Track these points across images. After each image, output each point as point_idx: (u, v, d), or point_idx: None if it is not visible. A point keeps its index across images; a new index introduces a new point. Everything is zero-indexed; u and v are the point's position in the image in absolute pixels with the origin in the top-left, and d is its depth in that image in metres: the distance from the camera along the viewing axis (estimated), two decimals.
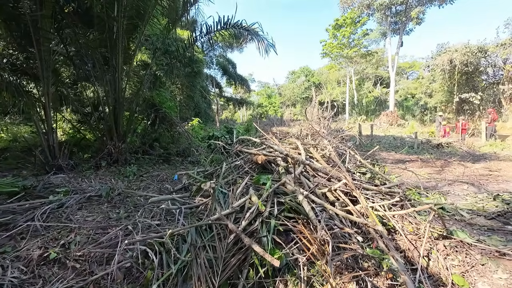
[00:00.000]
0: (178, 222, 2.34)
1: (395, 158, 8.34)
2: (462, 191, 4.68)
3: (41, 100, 6.97)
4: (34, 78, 7.02)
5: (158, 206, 2.76)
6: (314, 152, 3.23)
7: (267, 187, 2.44)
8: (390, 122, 23.62)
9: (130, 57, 7.73)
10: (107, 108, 7.65)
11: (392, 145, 11.55)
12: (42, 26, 6.35)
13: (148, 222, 2.39)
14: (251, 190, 2.48)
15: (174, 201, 2.81)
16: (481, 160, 7.78)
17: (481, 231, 2.86)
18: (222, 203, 2.51)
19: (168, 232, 1.82)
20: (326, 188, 2.50)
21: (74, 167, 6.78)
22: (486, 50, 19.42)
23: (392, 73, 28.37)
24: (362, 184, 2.90)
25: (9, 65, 7.02)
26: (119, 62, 7.36)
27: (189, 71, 16.37)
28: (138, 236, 2.04)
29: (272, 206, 2.29)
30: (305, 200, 2.22)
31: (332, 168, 3.00)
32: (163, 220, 2.49)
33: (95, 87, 7.87)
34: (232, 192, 2.54)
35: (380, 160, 6.89)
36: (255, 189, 2.57)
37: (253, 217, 2.19)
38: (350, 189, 2.56)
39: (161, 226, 2.36)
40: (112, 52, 7.35)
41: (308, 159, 3.09)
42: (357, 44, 32.48)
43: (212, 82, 30.73)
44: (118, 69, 7.43)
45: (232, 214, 2.26)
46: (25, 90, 7.20)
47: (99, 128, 7.93)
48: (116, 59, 7.29)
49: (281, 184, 2.45)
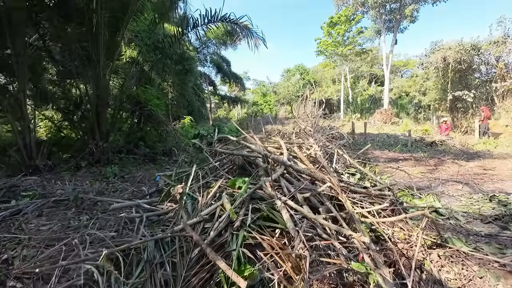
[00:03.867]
0: (138, 233, 2.07)
1: (388, 157, 8.15)
2: (457, 191, 4.48)
3: (17, 97, 6.59)
4: (10, 73, 6.64)
5: (120, 213, 2.48)
6: (298, 152, 2.97)
7: (241, 192, 2.18)
8: (384, 120, 23.56)
9: (113, 53, 7.37)
10: (90, 106, 7.30)
11: (386, 143, 11.38)
12: (15, 19, 5.98)
13: (105, 233, 2.11)
14: (224, 195, 2.21)
15: (139, 208, 2.53)
16: (475, 158, 7.63)
17: (477, 237, 2.64)
18: (190, 211, 2.24)
19: (104, 253, 1.54)
20: (309, 193, 2.24)
21: (53, 167, 6.42)
22: (479, 47, 19.39)
23: (386, 71, 28.33)
24: (349, 186, 2.65)
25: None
26: (100, 57, 7.01)
27: (180, 68, 15.98)
28: (85, 252, 1.76)
29: (246, 213, 2.03)
30: (283, 206, 1.97)
31: (317, 169, 2.75)
32: (122, 231, 2.21)
33: (76, 83, 7.51)
34: (203, 198, 2.27)
35: (372, 159, 6.68)
36: (230, 194, 2.31)
37: (224, 226, 1.93)
38: (335, 193, 2.31)
39: (117, 238, 2.08)
40: (93, 46, 6.99)
41: (291, 160, 2.84)
42: (351, 42, 32.37)
43: (206, 80, 30.33)
44: (100, 64, 7.08)
45: (199, 224, 1.99)
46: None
47: (81, 126, 7.58)
48: (97, 54, 6.93)
49: (258, 189, 2.19)
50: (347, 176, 3.16)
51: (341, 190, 2.37)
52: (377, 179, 3.14)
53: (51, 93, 7.69)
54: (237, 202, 2.07)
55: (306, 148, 3.21)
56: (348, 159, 3.29)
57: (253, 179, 2.49)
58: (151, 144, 8.20)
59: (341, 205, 2.47)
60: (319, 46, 34.52)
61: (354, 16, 30.42)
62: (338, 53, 33.51)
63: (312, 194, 2.23)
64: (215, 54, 30.77)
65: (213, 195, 2.30)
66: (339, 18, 30.79)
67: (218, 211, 2.06)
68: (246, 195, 2.12)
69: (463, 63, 19.78)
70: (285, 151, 2.85)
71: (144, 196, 3.32)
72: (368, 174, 3.17)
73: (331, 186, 2.31)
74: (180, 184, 2.51)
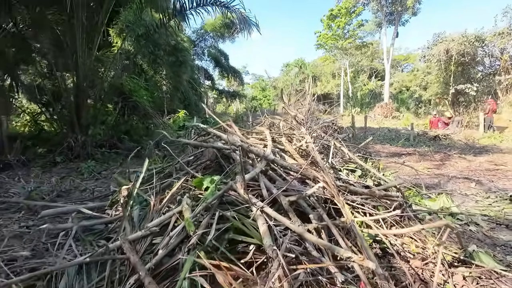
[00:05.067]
0: (62, 251, 1.56)
1: (390, 151, 7.65)
2: (469, 189, 3.98)
3: None
4: None
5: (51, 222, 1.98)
6: (287, 144, 2.46)
7: (207, 195, 1.67)
8: (385, 114, 22.98)
9: (93, 39, 6.77)
10: (68, 96, 6.75)
11: (387, 137, 10.87)
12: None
13: (19, 251, 1.60)
14: (185, 198, 1.71)
15: (80, 215, 2.03)
16: (483, 153, 7.13)
17: (506, 248, 2.14)
18: (136, 220, 1.74)
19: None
20: (296, 195, 1.73)
21: (26, 163, 5.92)
22: (483, 39, 18.76)
23: (387, 65, 27.66)
24: (348, 186, 2.15)
25: None
26: (78, 44, 6.44)
27: (173, 60, 15.36)
28: None
29: (211, 224, 1.52)
30: (260, 215, 1.47)
31: (310, 165, 2.24)
32: (42, 249, 1.70)
33: (54, 73, 6.94)
34: (157, 202, 1.76)
35: (374, 153, 6.18)
36: (195, 197, 1.80)
37: (178, 243, 1.44)
38: (330, 195, 1.81)
39: (34, 259, 1.57)
40: (69, 31, 6.42)
41: (277, 154, 2.34)
42: (352, 35, 31.66)
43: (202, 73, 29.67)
44: (78, 53, 6.52)
45: (146, 239, 1.50)
46: None
47: (62, 119, 7.04)
48: (73, 40, 6.36)
49: (228, 190, 1.68)
50: (345, 173, 2.66)
51: (337, 191, 1.86)
52: (381, 176, 2.64)
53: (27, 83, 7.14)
54: (199, 208, 1.57)
55: (297, 139, 2.70)
56: (347, 152, 2.78)
57: (227, 177, 1.98)
58: (137, 138, 7.67)
59: (339, 209, 1.96)
60: (318, 40, 33.83)
61: (355, 9, 29.68)
62: (338, 46, 32.81)
63: (300, 197, 1.73)
64: (212, 48, 30.03)
65: (169, 199, 1.79)
66: (339, 11, 30.05)
67: (174, 220, 1.57)
68: (212, 199, 1.62)
69: (466, 55, 19.17)
70: (269, 142, 2.33)
71: (99, 198, 2.81)
72: (371, 170, 2.68)
73: (325, 186, 1.81)
74: (126, 183, 1.99)
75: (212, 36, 28.16)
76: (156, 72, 15.55)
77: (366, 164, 3.40)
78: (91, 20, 6.63)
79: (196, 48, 27.97)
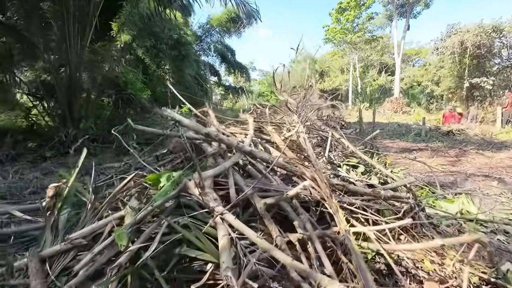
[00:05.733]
0: None
1: (400, 147, 7.13)
2: (490, 188, 3.50)
3: None
4: None
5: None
6: (274, 134, 2.07)
7: (157, 196, 1.30)
8: (394, 109, 22.12)
9: (84, 30, 6.45)
10: (59, 89, 6.49)
11: (397, 132, 10.29)
12: None
13: None
14: (133, 200, 1.35)
15: (9, 217, 1.71)
16: (503, 149, 6.55)
17: None
18: (62, 227, 1.38)
19: None
20: (274, 197, 1.34)
21: (15, 158, 5.72)
22: (501, 29, 17.74)
23: (397, 60, 26.68)
24: (347, 185, 1.74)
25: None
26: (70, 35, 6.16)
27: (175, 54, 15.07)
28: None
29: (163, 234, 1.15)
30: (220, 223, 1.09)
31: (301, 159, 1.84)
32: None
33: (46, 64, 6.69)
34: (93, 205, 1.40)
35: (382, 148, 5.69)
36: (147, 198, 1.44)
37: (106, 261, 1.08)
38: (320, 196, 1.41)
39: None
40: (61, 22, 6.14)
41: (262, 145, 1.95)
42: (361, 29, 30.72)
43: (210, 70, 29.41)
44: (69, 42, 6.24)
45: (68, 254, 1.14)
46: None
47: (53, 113, 6.81)
48: (64, 31, 6.08)
49: (182, 191, 1.30)
50: (345, 169, 2.25)
51: (330, 192, 1.46)
52: (388, 173, 2.22)
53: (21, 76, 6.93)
54: (141, 214, 1.19)
55: (287, 129, 2.30)
56: (347, 145, 2.35)
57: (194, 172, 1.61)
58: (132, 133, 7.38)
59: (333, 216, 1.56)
60: (327, 34, 33.05)
61: (365, 1, 28.74)
62: (347, 40, 31.92)
63: (280, 198, 1.34)
64: (219, 43, 29.70)
65: (110, 201, 1.42)
66: (348, 4, 29.15)
67: (109, 229, 1.21)
68: (161, 202, 1.24)
69: (482, 47, 18.20)
70: (251, 131, 1.93)
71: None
72: (376, 166, 2.25)
73: (313, 185, 1.41)
74: (66, 177, 1.62)
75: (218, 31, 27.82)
76: (158, 66, 15.30)
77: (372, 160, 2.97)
78: (81, 10, 6.31)
79: (202, 44, 27.66)
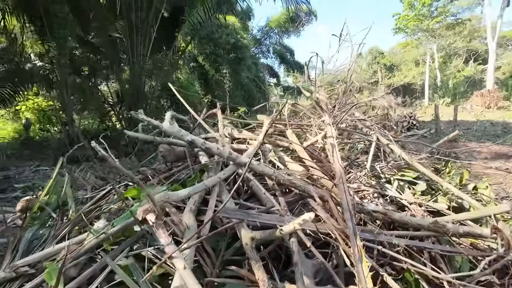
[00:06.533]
0: None
1: (492, 152, 5.61)
2: None
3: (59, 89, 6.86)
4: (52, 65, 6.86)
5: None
6: (294, 140, 1.63)
7: (118, 220, 1.05)
8: (486, 104, 18.03)
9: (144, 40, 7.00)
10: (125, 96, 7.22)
11: (488, 133, 8.29)
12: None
13: None
14: (100, 222, 1.13)
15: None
16: None
17: None
18: (22, 248, 1.23)
19: None
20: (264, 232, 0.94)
21: (89, 158, 6.55)
22: None
23: (491, 44, 21.91)
24: (390, 212, 1.22)
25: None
26: (131, 43, 6.76)
27: (232, 58, 15.51)
28: None
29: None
30: (182, 268, 0.77)
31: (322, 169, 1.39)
32: None
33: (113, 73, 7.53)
34: (62, 224, 1.23)
35: (464, 155, 4.49)
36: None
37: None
38: (338, 234, 0.96)
39: None
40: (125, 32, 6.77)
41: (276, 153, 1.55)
42: (441, 13, 26.50)
43: (269, 71, 29.69)
44: (132, 52, 6.85)
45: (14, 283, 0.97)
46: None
47: (121, 117, 7.63)
48: (127, 40, 6.70)
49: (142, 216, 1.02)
50: (396, 186, 1.65)
51: (354, 227, 0.99)
52: (462, 194, 1.52)
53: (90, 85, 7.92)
54: (88, 243, 0.95)
55: (315, 133, 1.81)
56: (399, 153, 1.71)
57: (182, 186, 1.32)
58: None
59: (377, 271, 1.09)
60: (397, 23, 29.61)
61: None
62: (423, 28, 28.00)
63: (271, 236, 0.93)
64: (277, 44, 29.74)
65: (75, 220, 1.23)
66: None
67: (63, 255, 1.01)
68: (117, 229, 0.99)
69: None
70: (260, 136, 1.55)
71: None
72: (443, 183, 1.58)
73: (322, 216, 0.97)
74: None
75: (277, 32, 27.84)
76: (216, 71, 15.96)
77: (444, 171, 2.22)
78: (142, 22, 6.86)
79: (262, 46, 28.07)
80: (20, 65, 6.98)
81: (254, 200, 1.31)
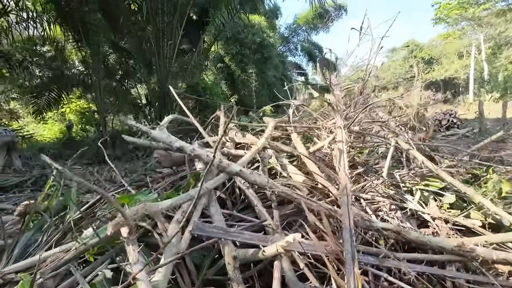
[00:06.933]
0: None
1: None
2: None
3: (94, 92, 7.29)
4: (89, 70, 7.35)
5: None
6: (299, 145, 1.49)
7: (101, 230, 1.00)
8: None
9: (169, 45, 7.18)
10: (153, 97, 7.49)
11: None
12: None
13: None
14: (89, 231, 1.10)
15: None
16: None
17: None
18: (17, 253, 1.21)
19: None
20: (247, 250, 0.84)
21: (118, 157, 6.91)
22: None
23: None
24: (404, 231, 1.05)
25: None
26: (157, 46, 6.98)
27: (258, 57, 15.43)
28: None
29: None
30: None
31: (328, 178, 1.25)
32: None
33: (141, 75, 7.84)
34: (53, 232, 1.21)
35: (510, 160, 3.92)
36: None
37: None
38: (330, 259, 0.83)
39: None
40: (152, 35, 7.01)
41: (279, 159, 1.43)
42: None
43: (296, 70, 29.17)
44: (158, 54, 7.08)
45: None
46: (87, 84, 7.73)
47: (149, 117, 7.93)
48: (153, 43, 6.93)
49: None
50: (418, 197, 1.44)
51: (354, 251, 0.85)
52: (505, 214, 1.27)
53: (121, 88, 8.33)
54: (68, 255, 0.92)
55: (327, 134, 1.64)
56: (420, 159, 1.49)
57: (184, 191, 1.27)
58: None
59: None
60: (437, 12, 27.43)
61: None
62: (467, 17, 25.63)
63: (254, 256, 0.83)
64: (305, 41, 29.13)
65: (64, 227, 1.21)
66: None
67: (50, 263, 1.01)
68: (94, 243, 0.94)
69: None
70: (261, 140, 1.43)
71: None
72: (475, 196, 1.34)
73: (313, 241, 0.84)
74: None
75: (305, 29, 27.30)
76: (243, 71, 16.00)
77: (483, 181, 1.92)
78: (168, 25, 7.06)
79: (289, 44, 27.67)
80: (63, 71, 7.60)
81: (250, 211, 1.22)
